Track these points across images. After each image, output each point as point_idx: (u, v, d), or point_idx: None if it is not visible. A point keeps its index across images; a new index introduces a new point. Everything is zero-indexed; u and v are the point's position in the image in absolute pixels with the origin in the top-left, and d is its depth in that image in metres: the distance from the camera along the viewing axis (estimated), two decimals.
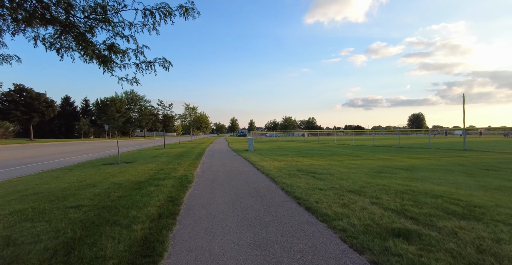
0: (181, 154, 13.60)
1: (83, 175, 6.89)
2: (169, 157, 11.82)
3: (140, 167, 8.38)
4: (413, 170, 7.09)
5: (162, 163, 9.30)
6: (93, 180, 6.03)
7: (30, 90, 43.52)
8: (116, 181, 5.91)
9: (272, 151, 14.62)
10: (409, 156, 11.47)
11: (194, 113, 39.15)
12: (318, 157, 10.87)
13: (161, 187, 5.24)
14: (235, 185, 5.48)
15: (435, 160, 9.77)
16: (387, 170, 7.17)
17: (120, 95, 62.35)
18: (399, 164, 8.42)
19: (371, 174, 6.47)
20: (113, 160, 10.76)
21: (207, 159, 11.16)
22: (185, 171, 7.37)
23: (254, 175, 6.69)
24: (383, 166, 8.07)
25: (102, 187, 5.32)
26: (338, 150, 15.29)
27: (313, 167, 7.64)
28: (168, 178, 6.31)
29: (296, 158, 10.42)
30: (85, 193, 4.74)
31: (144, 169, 7.90)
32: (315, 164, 8.39)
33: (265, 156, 11.45)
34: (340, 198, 4.15)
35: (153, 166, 8.61)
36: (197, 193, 4.88)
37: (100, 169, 7.95)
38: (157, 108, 18.22)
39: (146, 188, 5.20)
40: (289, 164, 8.49)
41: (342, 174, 6.40)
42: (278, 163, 8.78)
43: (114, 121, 9.51)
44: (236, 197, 4.49)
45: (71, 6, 3.15)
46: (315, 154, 12.65)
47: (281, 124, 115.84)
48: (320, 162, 9.17)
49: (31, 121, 43.13)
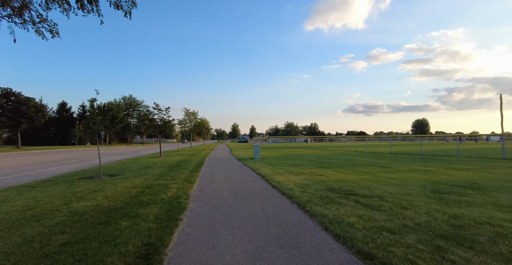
0: (177, 163, 11.83)
1: (40, 197, 5.12)
2: (162, 168, 10.05)
3: (123, 183, 6.62)
4: (483, 189, 5.28)
5: (152, 177, 7.54)
6: (45, 208, 4.27)
7: (19, 94, 40.70)
8: (78, 209, 4.15)
9: (281, 160, 12.81)
10: (447, 166, 9.66)
11: (194, 118, 37.40)
12: (340, 169, 9.07)
13: (139, 221, 3.49)
14: (248, 218, 3.71)
15: (488, 173, 7.96)
16: (445, 188, 5.38)
17: (118, 101, 61.06)
18: (451, 179, 6.61)
19: (433, 196, 4.68)
20: (95, 172, 9.00)
21: (208, 170, 9.39)
22: (178, 190, 5.61)
23: (272, 198, 4.91)
24: (432, 181, 6.27)
25: (49, 221, 3.56)
26: (357, 159, 13.46)
27: (346, 184, 5.85)
28: (153, 202, 4.55)
29: (315, 170, 8.62)
30: (11, 238, 2.98)
31: (126, 186, 6.14)
32: (345, 179, 6.59)
33: (277, 167, 9.66)
34: (441, 255, 2.37)
35: (139, 181, 6.85)
36: (191, 234, 3.12)
37: (71, 187, 6.20)
38: (152, 112, 16.43)
39: (116, 222, 3.46)
40: (311, 179, 6.69)
41: (394, 196, 4.62)
42: (297, 178, 7.00)
43: (94, 126, 7.80)
44: (255, 248, 2.72)
45: None
46: (334, 164, 10.84)
47: (283, 130, 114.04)
48: (348, 176, 7.37)
49: (18, 127, 40.39)
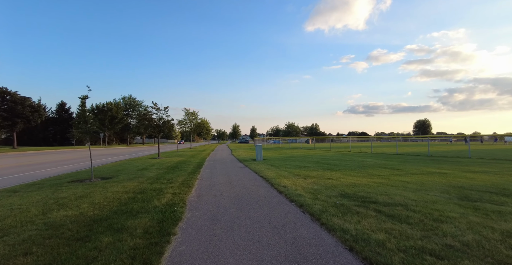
0: (175, 165, 11.25)
1: (16, 204, 4.54)
2: (159, 170, 9.48)
3: (115, 187, 6.05)
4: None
5: (147, 181, 6.96)
6: (17, 219, 3.69)
7: (14, 93, 39.51)
8: (55, 220, 3.57)
9: (285, 161, 12.21)
10: (463, 169, 9.05)
11: (194, 118, 36.75)
12: (349, 171, 8.47)
13: (124, 236, 2.91)
14: (254, 233, 3.11)
15: (510, 176, 7.36)
16: (474, 195, 4.78)
17: (118, 100, 60.54)
18: (475, 184, 6.01)
19: (464, 205, 4.09)
20: (88, 174, 8.43)
21: (207, 173, 8.81)
22: (174, 196, 5.03)
23: (279, 206, 4.32)
24: (454, 186, 5.67)
25: (16, 237, 2.98)
26: (364, 160, 12.85)
27: (361, 190, 5.25)
28: (145, 211, 3.97)
29: (323, 173, 8.02)
30: None
31: (117, 191, 5.56)
32: (358, 184, 5.99)
33: (281, 169, 9.07)
34: None
35: (133, 185, 6.27)
36: (185, 254, 2.53)
37: (56, 192, 5.62)
38: (150, 112, 15.84)
39: (97, 238, 2.88)
40: (321, 183, 6.10)
41: (419, 205, 4.02)
42: (305, 182, 6.40)
43: (85, 125, 7.23)
44: None
45: None
46: (341, 165, 10.23)
47: (284, 131, 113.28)
48: (359, 179, 6.78)
49: (14, 127, 39.51)
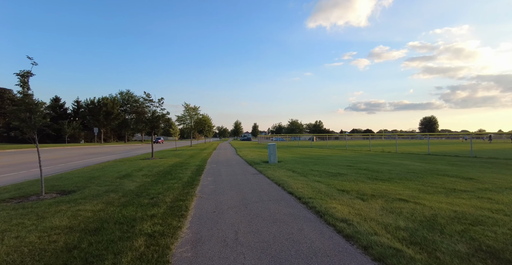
0: (169, 170, 8.87)
1: None
2: (146, 178, 7.11)
3: (58, 215, 3.67)
4: None
5: (120, 200, 4.58)
6: None
7: None
8: None
9: (306, 165, 9.78)
10: None
11: (195, 114, 34.22)
12: (409, 183, 6.04)
13: None
14: None
15: None
16: None
17: (115, 95, 58.01)
18: None
19: None
20: (45, 185, 5.99)
21: (210, 183, 6.43)
22: (150, 242, 2.64)
23: None
24: None
25: None
26: (402, 163, 10.39)
27: (491, 231, 2.85)
28: None
29: (375, 186, 5.59)
30: None
31: (55, 226, 3.19)
32: (469, 214, 3.56)
33: (310, 179, 6.66)
34: None
35: (91, 210, 3.90)
36: None
37: None
38: (142, 104, 13.42)
39: None
40: (403, 214, 3.65)
41: None
42: (369, 208, 3.98)
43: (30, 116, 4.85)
44: None
45: None
46: (386, 172, 7.73)
47: (287, 128, 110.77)
48: (454, 200, 4.34)
49: None
